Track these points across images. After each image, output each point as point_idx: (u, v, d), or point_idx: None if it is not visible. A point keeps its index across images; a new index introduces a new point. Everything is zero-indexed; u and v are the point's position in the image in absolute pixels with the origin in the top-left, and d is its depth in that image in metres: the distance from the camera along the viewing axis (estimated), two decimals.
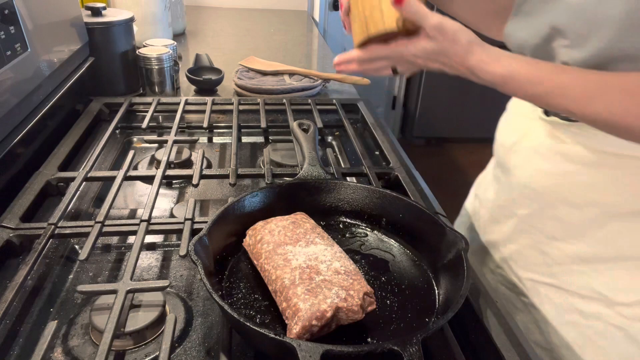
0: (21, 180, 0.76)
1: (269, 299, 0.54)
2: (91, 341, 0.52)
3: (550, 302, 0.70)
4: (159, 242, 0.70)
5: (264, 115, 1.05)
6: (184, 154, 0.92)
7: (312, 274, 0.52)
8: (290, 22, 2.13)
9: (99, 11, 1.11)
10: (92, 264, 0.65)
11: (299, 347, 0.42)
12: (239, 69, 1.30)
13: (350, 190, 0.69)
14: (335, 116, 1.10)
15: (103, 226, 0.65)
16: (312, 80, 1.25)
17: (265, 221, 0.61)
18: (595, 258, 0.65)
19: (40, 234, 0.63)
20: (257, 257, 0.57)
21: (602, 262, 0.64)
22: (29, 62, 0.83)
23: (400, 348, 0.42)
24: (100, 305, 0.54)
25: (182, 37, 1.75)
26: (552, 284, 0.69)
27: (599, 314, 0.65)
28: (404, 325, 0.53)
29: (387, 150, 0.93)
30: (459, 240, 0.56)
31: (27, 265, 0.57)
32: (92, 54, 1.11)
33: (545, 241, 0.69)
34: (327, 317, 0.47)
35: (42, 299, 0.59)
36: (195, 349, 0.53)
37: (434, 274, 0.60)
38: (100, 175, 0.79)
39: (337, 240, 0.61)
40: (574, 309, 0.67)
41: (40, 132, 0.87)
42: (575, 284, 0.67)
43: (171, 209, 0.78)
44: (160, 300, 0.55)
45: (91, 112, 1.02)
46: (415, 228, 0.64)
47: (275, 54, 1.58)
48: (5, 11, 0.75)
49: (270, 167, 0.82)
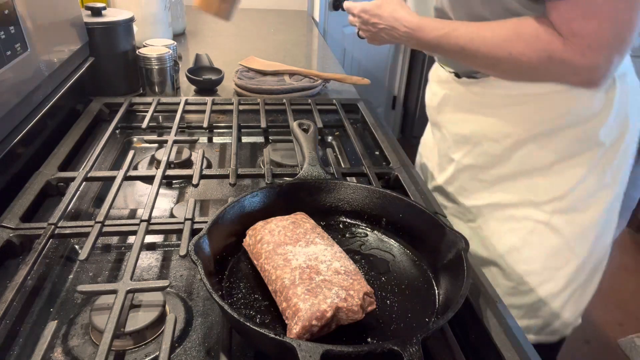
0: (21, 180, 0.76)
1: (269, 299, 0.54)
2: (91, 341, 0.52)
3: (492, 218, 0.89)
4: (159, 242, 0.70)
5: (264, 115, 1.05)
6: (184, 154, 0.92)
7: (312, 274, 0.52)
8: (290, 22, 2.13)
9: (99, 11, 1.11)
10: (92, 264, 0.65)
11: (299, 347, 0.42)
12: (239, 69, 1.30)
13: (350, 190, 0.69)
14: (335, 116, 1.10)
15: (103, 226, 0.65)
16: (312, 80, 1.25)
17: (265, 221, 0.61)
18: (518, 173, 0.84)
19: (40, 234, 0.63)
20: (257, 257, 0.57)
21: (523, 175, 0.84)
22: (29, 62, 0.83)
23: (400, 348, 0.42)
24: (100, 305, 0.54)
25: (182, 37, 1.75)
26: (491, 203, 0.88)
27: (528, 215, 0.84)
28: (404, 325, 0.53)
29: (387, 150, 0.93)
30: (459, 240, 0.56)
31: (27, 265, 0.57)
32: (92, 54, 1.11)
33: (479, 172, 0.88)
34: (327, 317, 0.47)
35: (42, 299, 0.59)
36: (195, 349, 0.53)
37: (434, 274, 0.60)
38: (100, 175, 0.79)
39: (337, 240, 0.61)
40: (509, 217, 0.86)
41: (40, 132, 0.87)
42: (508, 197, 0.86)
43: (171, 209, 0.78)
44: (160, 300, 0.55)
45: (91, 112, 1.02)
46: (415, 228, 0.64)
47: (275, 54, 1.58)
48: (5, 11, 0.75)
49: (270, 167, 0.82)
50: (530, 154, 0.82)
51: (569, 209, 0.82)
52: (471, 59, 0.77)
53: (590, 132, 0.78)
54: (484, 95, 0.84)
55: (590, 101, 0.77)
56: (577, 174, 0.81)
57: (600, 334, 1.96)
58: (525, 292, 0.86)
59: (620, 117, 0.79)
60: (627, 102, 0.80)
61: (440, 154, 0.97)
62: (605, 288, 2.24)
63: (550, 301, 0.85)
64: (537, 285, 0.85)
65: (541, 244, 0.84)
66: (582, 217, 0.83)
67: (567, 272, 0.84)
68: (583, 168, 0.80)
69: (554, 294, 0.85)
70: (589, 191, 0.82)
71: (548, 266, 0.84)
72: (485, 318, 0.56)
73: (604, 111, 0.78)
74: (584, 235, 0.83)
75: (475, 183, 0.90)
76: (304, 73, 1.28)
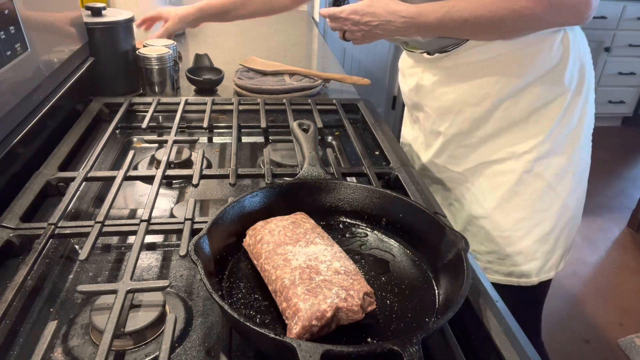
0: (21, 180, 0.76)
1: (269, 299, 0.54)
2: (91, 341, 0.52)
3: (481, 176, 0.96)
4: (159, 242, 0.70)
5: (264, 115, 1.05)
6: (184, 154, 0.92)
7: (312, 274, 0.52)
8: (290, 22, 2.13)
9: (99, 11, 1.11)
10: (92, 264, 0.65)
11: (299, 347, 0.42)
12: (239, 69, 1.30)
13: (350, 190, 0.69)
14: (335, 116, 1.10)
15: (103, 226, 0.65)
16: (312, 80, 1.25)
17: (265, 221, 0.61)
18: (500, 130, 0.91)
19: (40, 234, 0.63)
20: (257, 257, 0.57)
21: (504, 131, 0.91)
22: (29, 62, 0.83)
23: (400, 348, 0.42)
24: (100, 305, 0.54)
25: (182, 37, 1.75)
26: (479, 163, 0.95)
27: (512, 168, 0.91)
28: (404, 325, 0.53)
29: (387, 150, 0.93)
30: (459, 240, 0.56)
31: (27, 265, 0.57)
32: (92, 54, 1.11)
33: (464, 137, 0.95)
34: (327, 317, 0.47)
35: (42, 299, 0.59)
36: (195, 349, 0.53)
37: (434, 274, 0.60)
38: (100, 175, 0.79)
39: (337, 240, 0.61)
40: (497, 172, 0.93)
41: (40, 132, 0.87)
42: (492, 154, 0.93)
43: (171, 209, 0.79)
44: (160, 300, 0.55)
45: (91, 112, 1.02)
46: (415, 228, 0.64)
47: (275, 54, 1.58)
48: (5, 11, 0.75)
49: (270, 167, 0.82)
50: (508, 110, 0.89)
51: (548, 153, 0.90)
52: (475, 28, 0.82)
53: (555, 79, 0.87)
54: (458, 66, 0.90)
55: (550, 51, 0.85)
56: (550, 120, 0.88)
57: (600, 334, 1.96)
58: (521, 238, 0.93)
59: (577, 62, 0.88)
60: (579, 48, 0.89)
61: (426, 132, 1.03)
62: (605, 288, 2.25)
63: (544, 241, 0.94)
64: (531, 229, 0.93)
65: (527, 191, 0.91)
66: (559, 159, 0.90)
67: (553, 211, 0.93)
68: (555, 114, 0.88)
69: (547, 233, 0.93)
70: (563, 133, 0.90)
71: (536, 209, 0.92)
72: (485, 318, 0.56)
73: (563, 59, 0.86)
74: (563, 175, 0.91)
75: (461, 149, 0.96)
76: (304, 73, 1.28)
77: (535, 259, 0.94)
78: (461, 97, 0.92)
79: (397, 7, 0.85)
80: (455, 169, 0.99)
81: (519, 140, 0.90)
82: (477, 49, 0.87)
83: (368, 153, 0.94)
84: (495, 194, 0.94)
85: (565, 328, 1.94)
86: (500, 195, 0.93)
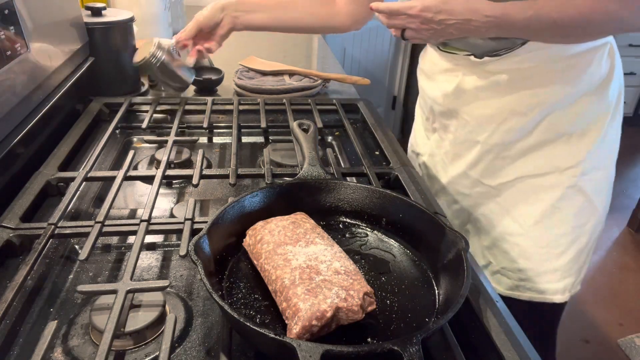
0: (21, 180, 0.76)
1: (269, 299, 0.54)
2: (91, 341, 0.52)
3: (518, 192, 0.90)
4: (159, 242, 0.70)
5: (264, 115, 1.05)
6: (184, 154, 0.92)
7: (312, 274, 0.52)
8: None
9: (99, 11, 1.11)
10: (92, 264, 0.65)
11: (299, 347, 0.42)
12: (239, 69, 1.30)
13: (350, 190, 0.69)
14: (335, 116, 1.10)
15: (103, 226, 0.65)
16: (312, 80, 1.25)
17: (265, 221, 0.61)
18: (544, 143, 0.86)
19: (40, 234, 0.63)
20: (257, 257, 0.57)
21: (548, 143, 0.86)
22: (29, 62, 0.83)
23: (400, 348, 0.42)
24: (100, 305, 0.54)
25: None
26: (517, 177, 0.90)
27: (555, 183, 0.87)
28: (404, 325, 0.53)
29: (387, 150, 0.93)
30: (459, 240, 0.56)
31: (27, 265, 0.57)
32: (92, 54, 1.11)
33: (505, 148, 0.89)
34: (327, 317, 0.47)
35: (42, 299, 0.59)
36: (195, 349, 0.53)
37: (434, 274, 0.60)
38: (100, 175, 0.79)
39: (337, 240, 0.61)
40: (537, 188, 0.89)
41: (40, 132, 0.87)
42: (534, 169, 0.88)
43: (171, 209, 0.78)
44: (160, 300, 0.55)
45: (91, 112, 1.02)
46: (415, 228, 0.64)
47: (275, 54, 1.58)
48: (5, 11, 0.75)
49: (270, 167, 0.82)
50: (555, 122, 0.84)
51: (592, 168, 0.87)
52: (562, 30, 0.76)
53: (603, 92, 0.84)
54: (508, 72, 0.84)
55: (600, 62, 0.83)
56: (596, 135, 0.85)
57: (600, 334, 1.96)
58: (559, 255, 0.90)
59: (620, 75, 0.88)
60: (619, 63, 0.87)
61: (457, 142, 0.96)
62: (605, 288, 2.25)
63: (579, 257, 0.91)
64: (569, 245, 0.90)
65: (569, 206, 0.88)
66: (600, 174, 0.89)
67: (589, 225, 0.90)
68: (600, 128, 0.85)
69: (582, 249, 0.91)
70: (605, 148, 0.87)
71: (576, 224, 0.89)
72: (485, 318, 0.56)
73: (609, 72, 0.84)
74: (601, 190, 0.90)
75: (499, 161, 0.91)
76: (304, 73, 1.28)
77: (569, 276, 0.91)
78: (508, 104, 0.86)
79: (480, 6, 0.75)
80: (489, 182, 0.93)
81: (564, 154, 0.86)
82: (533, 53, 0.81)
83: (368, 153, 0.94)
84: (535, 210, 0.89)
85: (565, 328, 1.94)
86: (541, 211, 0.89)
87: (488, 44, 0.82)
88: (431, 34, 0.80)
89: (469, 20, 0.76)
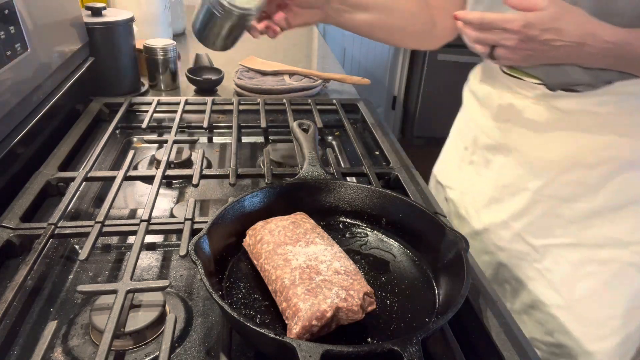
0: (21, 180, 0.76)
1: (269, 299, 0.54)
2: (91, 341, 0.52)
3: (566, 261, 0.76)
4: (159, 242, 0.70)
5: (264, 115, 1.05)
6: (184, 154, 0.92)
7: (312, 274, 0.52)
8: None
9: (99, 11, 1.11)
10: (92, 264, 0.65)
11: (299, 347, 0.42)
12: (239, 69, 1.30)
13: (350, 190, 0.69)
14: (335, 116, 1.10)
15: (103, 226, 0.65)
16: (312, 80, 1.25)
17: (265, 221, 0.61)
18: (608, 209, 0.72)
19: (40, 234, 0.63)
20: (257, 257, 0.57)
21: (613, 211, 0.72)
22: (29, 62, 0.83)
23: (400, 348, 0.42)
24: (100, 305, 0.54)
25: (182, 37, 1.75)
26: (568, 243, 0.75)
27: (614, 257, 0.73)
28: (404, 325, 0.53)
29: (387, 150, 0.93)
30: (459, 240, 0.56)
31: (27, 265, 0.57)
32: (92, 54, 1.11)
33: (559, 205, 0.75)
34: (327, 317, 0.47)
35: (42, 299, 0.59)
36: (195, 349, 0.53)
37: (434, 274, 0.60)
38: (100, 175, 0.79)
39: (337, 240, 0.61)
40: (590, 260, 0.74)
41: (40, 132, 0.87)
42: (591, 237, 0.74)
43: (171, 209, 0.78)
44: (160, 300, 0.55)
45: (91, 112, 1.02)
46: (415, 228, 0.64)
47: (275, 54, 1.58)
48: (5, 11, 0.75)
49: (270, 167, 0.82)
50: (626, 185, 0.71)
51: None
52: None
53: None
54: (584, 113, 0.70)
55: None
56: None
57: None
58: (605, 337, 0.77)
59: None
60: None
61: (499, 184, 0.82)
62: None
63: (626, 342, 0.79)
64: (619, 328, 0.77)
65: (626, 285, 0.75)
66: None
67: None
68: None
69: (629, 336, 0.78)
70: None
71: (630, 306, 0.76)
72: (485, 318, 0.56)
73: None
74: None
75: (550, 219, 0.76)
76: (304, 73, 1.28)
77: None
78: (576, 152, 0.72)
79: (599, 29, 0.61)
80: (532, 241, 0.79)
81: (629, 226, 0.72)
82: (619, 97, 0.68)
83: (368, 153, 0.94)
84: (584, 284, 0.76)
85: None
86: (592, 286, 0.75)
87: (576, 74, 0.67)
88: (529, 55, 0.65)
89: (582, 44, 0.62)
